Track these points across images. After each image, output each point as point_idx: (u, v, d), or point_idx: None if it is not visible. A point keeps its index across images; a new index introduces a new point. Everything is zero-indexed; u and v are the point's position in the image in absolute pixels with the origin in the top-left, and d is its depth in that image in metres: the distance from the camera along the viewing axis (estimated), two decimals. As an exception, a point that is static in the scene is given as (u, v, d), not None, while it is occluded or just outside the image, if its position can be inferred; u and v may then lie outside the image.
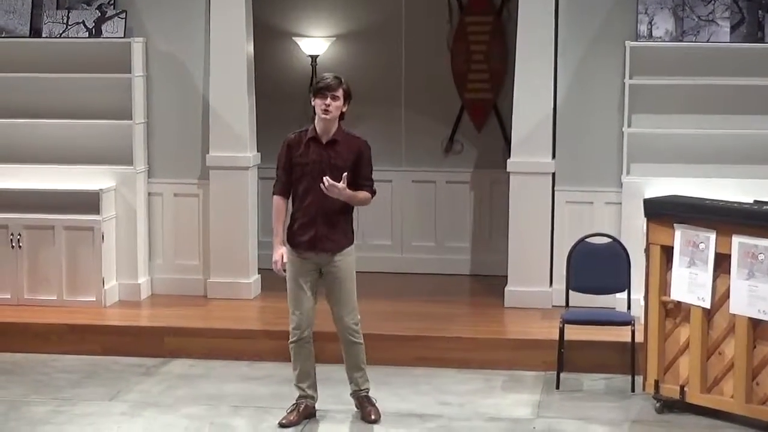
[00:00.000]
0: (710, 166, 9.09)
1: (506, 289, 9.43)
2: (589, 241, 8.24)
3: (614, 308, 8.55)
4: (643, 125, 9.17)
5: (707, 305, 7.22)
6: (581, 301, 8.37)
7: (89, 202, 9.36)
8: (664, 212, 7.45)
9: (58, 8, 9.62)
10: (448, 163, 10.75)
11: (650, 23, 9.04)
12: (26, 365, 8.52)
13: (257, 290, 9.84)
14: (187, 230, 9.83)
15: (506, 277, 9.47)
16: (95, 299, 9.37)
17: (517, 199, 9.35)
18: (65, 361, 8.62)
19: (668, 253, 7.42)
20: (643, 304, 7.76)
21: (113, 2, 9.59)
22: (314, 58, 10.67)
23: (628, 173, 9.13)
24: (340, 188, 6.97)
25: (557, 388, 7.95)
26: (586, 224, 9.12)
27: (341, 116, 7.14)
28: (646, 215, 7.60)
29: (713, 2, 8.99)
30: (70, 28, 9.57)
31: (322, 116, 7.06)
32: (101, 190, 9.41)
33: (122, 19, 9.53)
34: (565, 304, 8.21)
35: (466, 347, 8.47)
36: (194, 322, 9.01)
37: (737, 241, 7.04)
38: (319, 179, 6.99)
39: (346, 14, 10.78)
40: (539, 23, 9.22)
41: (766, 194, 7.90)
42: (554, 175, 9.37)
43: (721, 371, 7.22)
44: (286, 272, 7.18)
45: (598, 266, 8.13)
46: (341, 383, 7.43)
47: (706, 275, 7.20)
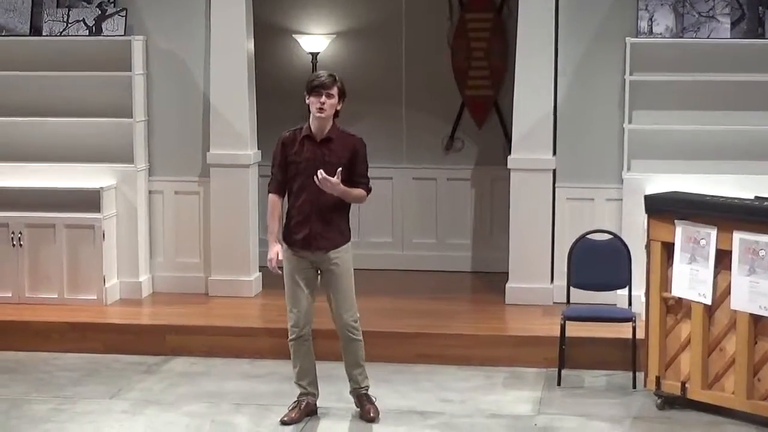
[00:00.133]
0: (711, 162, 9.09)
1: (507, 285, 9.43)
2: (589, 237, 8.24)
3: (615, 305, 8.54)
4: (643, 121, 9.17)
5: (708, 301, 7.21)
6: (582, 297, 8.37)
7: (90, 200, 9.36)
8: (664, 208, 7.45)
9: (58, 6, 9.62)
10: (448, 160, 10.75)
11: (650, 19, 9.03)
12: (27, 363, 8.53)
13: (258, 288, 9.84)
14: (187, 228, 9.83)
15: (507, 273, 9.47)
16: (96, 297, 9.37)
17: (517, 195, 9.35)
18: (66, 359, 8.62)
19: (669, 249, 7.41)
20: (644, 300, 7.76)
21: (113, 0, 9.59)
22: (315, 55, 10.67)
23: (628, 170, 9.13)
24: (333, 182, 6.95)
25: (558, 384, 7.95)
26: (586, 221, 9.12)
27: (336, 114, 7.13)
28: (646, 211, 7.60)
29: (713, -2, 9.01)
30: (70, 26, 9.57)
31: (316, 114, 7.06)
32: (102, 188, 9.41)
33: (122, 17, 9.53)
34: (566, 300, 8.21)
35: (467, 344, 8.47)
36: (195, 319, 9.01)
37: (738, 237, 7.04)
38: (313, 177, 6.98)
39: (346, 11, 10.78)
40: (540, 20, 9.22)
41: (766, 190, 7.90)
42: (555, 171, 9.37)
43: (722, 367, 7.22)
44: (280, 270, 7.18)
45: (599, 263, 8.13)
46: (342, 380, 7.42)
47: (707, 271, 7.19)
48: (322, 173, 6.93)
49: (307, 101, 7.10)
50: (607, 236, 8.26)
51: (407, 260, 10.80)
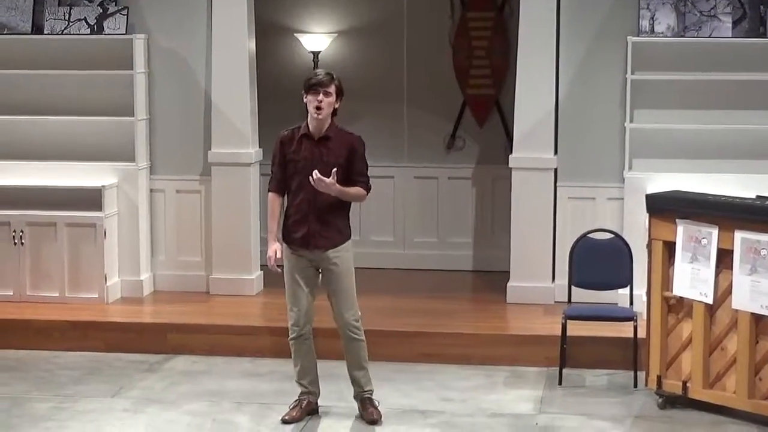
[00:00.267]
0: (712, 161, 9.09)
1: (508, 284, 9.43)
2: (591, 236, 8.24)
3: (616, 304, 8.55)
4: (645, 121, 9.17)
5: (710, 301, 7.21)
6: (583, 296, 8.37)
7: (91, 198, 9.36)
8: (666, 208, 7.45)
9: (59, 5, 9.62)
10: (450, 159, 10.75)
11: (652, 18, 9.03)
12: (28, 362, 8.53)
13: (259, 286, 9.84)
14: (189, 227, 9.83)
15: (508, 272, 9.47)
16: (97, 296, 9.38)
17: (519, 194, 9.35)
18: (67, 357, 8.62)
19: (670, 248, 7.41)
20: (645, 299, 7.76)
21: (115, -1, 9.61)
22: (316, 54, 10.66)
23: (630, 169, 9.12)
24: (327, 182, 6.94)
25: (560, 383, 7.95)
26: (588, 220, 9.12)
27: (334, 112, 7.12)
28: (648, 211, 7.60)
29: (715, -3, 9.01)
30: (71, 24, 9.57)
31: (314, 114, 7.05)
32: (103, 186, 9.41)
33: (124, 15, 9.53)
34: (567, 299, 8.20)
35: (468, 343, 8.47)
36: (196, 318, 9.01)
37: (739, 236, 7.03)
38: (310, 176, 6.98)
39: (347, 10, 10.78)
40: (541, 19, 9.21)
41: (768, 189, 7.91)
42: (556, 170, 9.37)
43: (723, 367, 7.22)
44: (279, 268, 7.18)
45: (600, 262, 8.12)
46: (343, 379, 7.42)
47: (708, 271, 7.19)
48: (316, 173, 6.92)
49: (304, 100, 7.08)
50: (608, 235, 8.26)
51: (408, 259, 10.80)
